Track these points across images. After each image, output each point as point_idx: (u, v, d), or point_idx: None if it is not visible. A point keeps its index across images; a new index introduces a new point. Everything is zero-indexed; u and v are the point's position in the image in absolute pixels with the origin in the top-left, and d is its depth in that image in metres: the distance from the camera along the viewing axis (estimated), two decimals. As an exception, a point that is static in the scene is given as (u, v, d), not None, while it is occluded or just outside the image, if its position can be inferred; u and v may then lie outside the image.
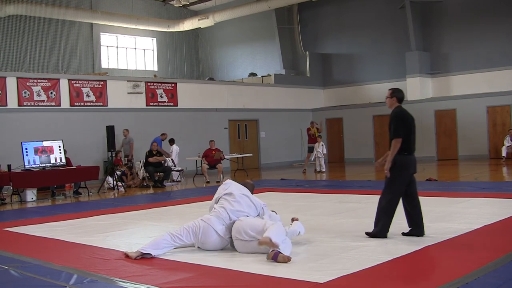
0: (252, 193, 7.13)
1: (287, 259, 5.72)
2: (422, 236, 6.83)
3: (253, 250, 6.21)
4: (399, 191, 6.89)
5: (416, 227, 6.96)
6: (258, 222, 6.39)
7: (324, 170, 19.78)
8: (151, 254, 6.30)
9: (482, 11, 22.71)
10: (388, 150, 6.99)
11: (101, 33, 27.22)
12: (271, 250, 5.85)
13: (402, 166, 6.83)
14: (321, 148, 19.90)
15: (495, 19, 22.32)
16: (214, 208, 6.75)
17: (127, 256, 6.39)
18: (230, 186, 6.97)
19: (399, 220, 8.07)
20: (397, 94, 7.21)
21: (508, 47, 21.92)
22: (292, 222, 6.78)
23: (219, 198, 6.84)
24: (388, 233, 6.89)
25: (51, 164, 14.75)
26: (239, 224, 6.43)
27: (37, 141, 14.97)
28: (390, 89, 7.36)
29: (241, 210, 6.65)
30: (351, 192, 12.57)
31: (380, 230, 6.87)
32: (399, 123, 6.91)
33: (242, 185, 7.15)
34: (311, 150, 20.19)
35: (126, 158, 18.28)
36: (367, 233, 6.96)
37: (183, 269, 5.74)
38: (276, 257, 5.73)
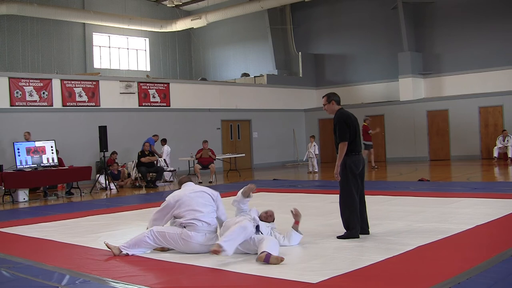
0: None
1: (280, 260, 5.70)
2: (358, 237, 6.91)
3: (243, 250, 6.21)
4: (354, 189, 7.02)
5: (361, 228, 7.07)
6: (230, 223, 6.40)
7: (316, 170, 19.79)
8: (128, 254, 6.39)
9: (474, 12, 22.79)
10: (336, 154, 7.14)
11: (93, 33, 27.16)
12: (260, 252, 5.85)
13: (352, 165, 7.00)
14: (313, 149, 19.90)
15: (487, 20, 22.39)
16: (184, 223, 6.39)
17: (108, 247, 6.52)
18: (174, 197, 6.64)
19: (393, 221, 8.10)
20: (334, 98, 7.31)
21: (500, 47, 22.01)
22: (293, 227, 6.70)
23: (183, 211, 6.46)
24: (360, 232, 7.00)
25: (43, 165, 14.70)
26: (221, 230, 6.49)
27: (29, 141, 14.92)
28: (324, 96, 7.40)
29: (208, 210, 6.49)
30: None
31: (351, 232, 6.93)
32: (343, 126, 7.01)
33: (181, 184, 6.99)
34: (369, 147, 20.11)
35: None
36: (339, 237, 6.99)
37: (175, 270, 5.73)
38: (268, 259, 5.71)
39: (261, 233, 6.27)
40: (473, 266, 5.26)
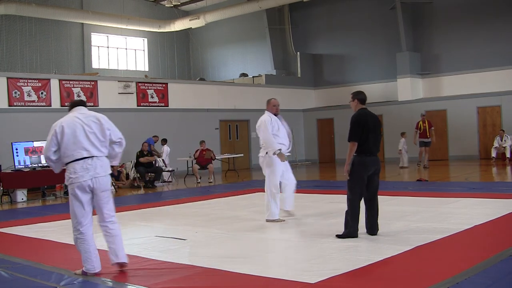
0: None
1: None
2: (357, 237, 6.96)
3: None
4: (359, 191, 6.99)
5: (368, 228, 7.10)
6: None
7: (406, 165, 20.15)
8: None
9: (472, 12, 22.80)
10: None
11: (92, 33, 27.13)
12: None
13: (359, 166, 6.96)
14: (401, 145, 20.56)
15: (485, 20, 22.41)
16: None
17: None
18: None
19: (389, 221, 8.10)
20: (358, 96, 7.33)
21: (498, 47, 22.02)
22: None
23: None
24: (358, 232, 6.99)
25: (42, 165, 14.69)
26: None
27: (27, 142, 14.91)
28: (352, 93, 7.46)
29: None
30: (342, 192, 12.53)
31: (349, 231, 6.94)
32: (356, 126, 7.02)
33: None
34: (422, 144, 19.84)
35: None
36: (337, 235, 7.01)
37: (174, 270, 5.72)
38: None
39: None
40: (472, 266, 5.26)
